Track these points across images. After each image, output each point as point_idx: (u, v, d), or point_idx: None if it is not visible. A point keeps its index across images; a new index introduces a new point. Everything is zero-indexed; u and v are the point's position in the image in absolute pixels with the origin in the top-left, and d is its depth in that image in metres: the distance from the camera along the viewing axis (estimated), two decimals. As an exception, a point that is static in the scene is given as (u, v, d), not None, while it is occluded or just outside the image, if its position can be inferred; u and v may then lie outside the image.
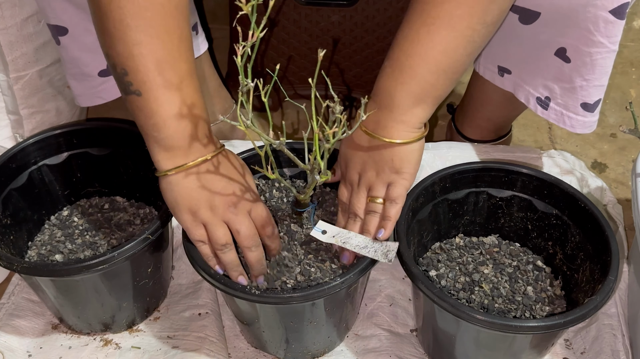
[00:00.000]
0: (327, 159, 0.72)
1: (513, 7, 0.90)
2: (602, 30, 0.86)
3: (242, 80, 0.66)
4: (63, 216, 1.04)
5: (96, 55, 0.99)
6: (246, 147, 1.06)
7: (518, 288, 0.91)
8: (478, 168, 0.95)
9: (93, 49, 0.98)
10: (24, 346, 0.95)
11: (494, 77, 1.04)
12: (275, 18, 1.23)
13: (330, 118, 0.69)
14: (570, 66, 0.92)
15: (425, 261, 0.95)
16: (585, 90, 0.94)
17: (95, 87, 1.03)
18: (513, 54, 0.99)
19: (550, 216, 0.94)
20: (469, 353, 0.85)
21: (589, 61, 0.90)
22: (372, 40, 1.24)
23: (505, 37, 0.96)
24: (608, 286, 0.80)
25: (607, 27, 0.86)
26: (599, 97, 0.95)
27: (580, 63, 0.91)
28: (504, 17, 0.80)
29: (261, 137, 0.70)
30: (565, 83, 0.95)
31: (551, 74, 0.96)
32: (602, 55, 0.89)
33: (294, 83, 1.32)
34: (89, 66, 1.00)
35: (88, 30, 0.96)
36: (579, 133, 1.00)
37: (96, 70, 1.01)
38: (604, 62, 0.90)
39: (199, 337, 0.94)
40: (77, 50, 0.99)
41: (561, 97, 0.97)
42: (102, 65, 1.01)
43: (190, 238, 0.81)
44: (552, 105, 0.98)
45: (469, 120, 1.19)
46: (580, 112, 0.96)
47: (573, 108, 0.97)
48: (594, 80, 0.93)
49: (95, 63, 1.00)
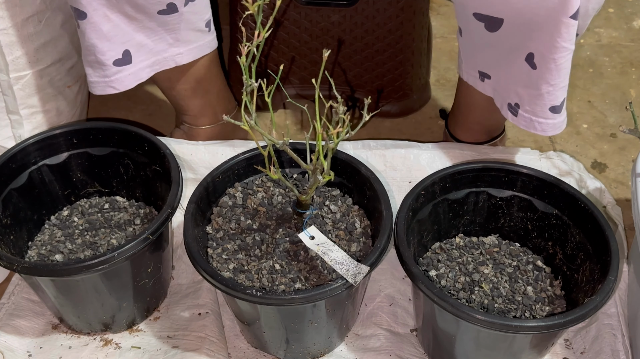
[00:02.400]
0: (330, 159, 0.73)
1: (478, 16, 0.92)
2: (564, 35, 0.87)
3: (246, 80, 0.66)
4: (63, 216, 1.03)
5: (112, 44, 0.99)
6: (248, 147, 1.06)
7: (518, 288, 0.91)
8: (478, 168, 0.95)
9: (110, 37, 0.98)
10: (24, 346, 0.95)
11: (476, 82, 1.06)
12: (277, 18, 1.23)
13: (334, 118, 0.69)
14: (536, 73, 0.94)
15: (425, 261, 0.95)
16: (552, 95, 0.96)
17: (109, 77, 1.03)
18: (489, 60, 1.00)
19: (550, 216, 0.94)
20: (468, 352, 0.86)
21: (554, 67, 0.92)
22: (372, 40, 1.24)
23: (479, 45, 0.98)
24: (608, 286, 0.80)
25: (569, 30, 0.87)
26: (564, 96, 0.97)
27: (545, 70, 0.93)
28: None
29: (264, 136, 0.70)
30: (532, 90, 0.96)
31: (521, 81, 0.97)
32: (565, 58, 0.91)
33: (295, 84, 1.32)
34: (105, 54, 1.00)
35: (107, 17, 0.96)
36: (549, 135, 1.01)
37: (112, 59, 1.01)
38: (566, 64, 0.92)
39: (199, 337, 0.94)
40: (95, 38, 0.98)
41: (529, 104, 0.98)
42: (117, 54, 1.01)
43: None
44: (521, 112, 1.00)
45: (460, 124, 1.20)
46: (549, 115, 0.98)
47: (542, 114, 0.98)
48: (559, 84, 0.94)
49: (112, 52, 1.00)
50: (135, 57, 1.02)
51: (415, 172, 1.10)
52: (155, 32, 1.01)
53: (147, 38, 1.01)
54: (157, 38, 1.02)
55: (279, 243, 0.89)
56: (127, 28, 0.99)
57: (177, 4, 0.98)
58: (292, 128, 1.34)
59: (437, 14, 1.56)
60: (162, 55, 1.05)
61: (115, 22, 0.97)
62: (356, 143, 1.15)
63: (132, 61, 1.02)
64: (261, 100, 1.31)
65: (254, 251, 0.88)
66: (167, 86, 1.14)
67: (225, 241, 0.90)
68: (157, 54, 1.04)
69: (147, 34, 1.01)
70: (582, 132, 1.34)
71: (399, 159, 1.12)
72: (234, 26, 1.31)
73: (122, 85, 1.04)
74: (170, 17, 0.99)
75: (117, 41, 0.99)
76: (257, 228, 0.91)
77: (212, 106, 1.20)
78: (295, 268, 0.86)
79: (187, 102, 1.17)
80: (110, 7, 0.95)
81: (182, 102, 1.17)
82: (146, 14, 0.97)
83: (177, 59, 1.06)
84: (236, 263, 0.87)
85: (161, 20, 0.99)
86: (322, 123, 0.70)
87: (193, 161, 1.12)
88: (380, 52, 1.25)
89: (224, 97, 1.22)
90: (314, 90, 0.73)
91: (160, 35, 1.02)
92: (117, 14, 0.96)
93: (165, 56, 1.05)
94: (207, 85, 1.16)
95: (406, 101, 1.34)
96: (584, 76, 1.45)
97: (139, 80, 1.05)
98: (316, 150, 0.72)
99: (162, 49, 1.04)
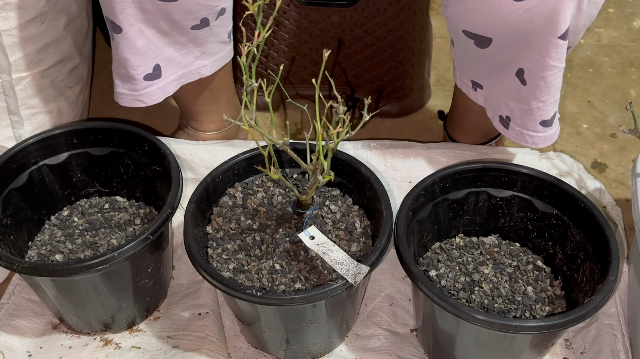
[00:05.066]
0: (330, 159, 0.73)
1: (467, 33, 0.92)
2: (552, 54, 0.88)
3: (246, 80, 0.66)
4: (63, 216, 1.03)
5: (145, 59, 0.99)
6: (248, 147, 1.06)
7: (518, 288, 0.91)
8: (478, 168, 0.95)
9: (143, 52, 0.98)
10: (24, 346, 0.95)
11: (469, 90, 1.06)
12: (276, 18, 1.23)
13: (334, 118, 0.69)
14: (526, 89, 0.94)
15: (425, 261, 0.95)
16: (542, 110, 0.96)
17: (139, 91, 1.03)
18: (481, 72, 1.01)
19: (550, 216, 0.94)
20: (469, 352, 0.86)
21: (543, 84, 0.92)
22: (372, 40, 1.24)
23: (470, 58, 0.98)
24: (608, 286, 0.80)
25: (558, 50, 0.88)
26: (555, 110, 0.97)
27: (535, 87, 0.93)
28: None
29: (264, 136, 0.70)
30: (522, 105, 0.97)
31: (512, 94, 0.97)
32: (555, 76, 0.91)
33: (295, 84, 1.32)
34: (137, 69, 1.00)
35: (142, 32, 0.96)
36: (540, 148, 1.03)
37: (143, 73, 1.01)
38: (556, 81, 0.92)
39: (199, 337, 0.94)
40: (128, 52, 0.98)
41: (519, 118, 0.99)
42: (148, 69, 1.01)
43: None
44: (512, 125, 1.00)
45: (457, 127, 1.21)
46: (540, 129, 0.98)
47: (532, 127, 0.99)
48: (549, 100, 0.95)
49: (143, 67, 1.00)
50: (164, 72, 1.02)
51: (415, 172, 1.10)
52: (184, 46, 1.01)
53: (176, 52, 1.02)
54: (185, 52, 1.02)
55: (279, 243, 0.89)
56: (159, 43, 0.99)
57: (209, 18, 0.98)
58: (292, 128, 1.34)
59: (437, 14, 1.56)
60: (189, 69, 1.05)
61: (149, 37, 0.97)
62: (356, 143, 1.15)
63: (162, 75, 1.02)
64: (261, 100, 1.31)
65: (254, 251, 0.88)
66: (182, 94, 1.14)
67: (225, 241, 0.90)
68: (184, 67, 1.04)
69: (177, 48, 1.01)
70: (582, 132, 1.34)
71: (399, 159, 1.12)
72: (234, 26, 1.31)
73: (150, 100, 1.04)
74: (201, 31, 0.99)
75: (149, 56, 0.99)
76: (257, 228, 0.91)
77: (220, 113, 1.20)
78: (295, 268, 0.86)
79: (198, 109, 1.18)
80: (147, 22, 0.95)
81: (193, 108, 1.18)
82: (180, 29, 0.97)
83: (202, 71, 1.07)
84: (236, 263, 0.87)
85: (192, 34, 0.99)
86: (322, 123, 0.70)
87: (193, 161, 1.12)
88: (380, 52, 1.25)
89: (232, 104, 1.22)
90: (314, 90, 0.73)
91: (188, 49, 1.02)
92: (151, 29, 0.96)
93: (192, 69, 1.05)
94: (218, 93, 1.16)
95: (406, 101, 1.34)
96: (584, 76, 1.45)
97: (166, 94, 1.05)
98: (316, 150, 0.72)
99: (189, 62, 1.04)
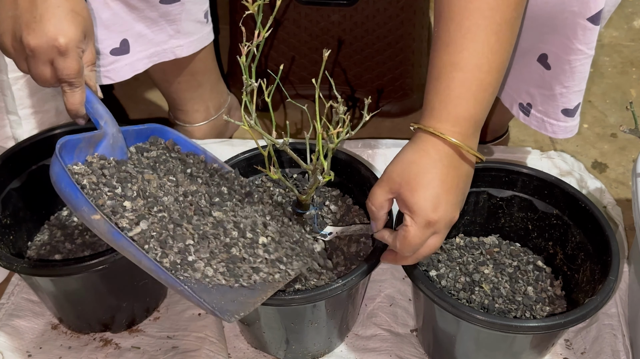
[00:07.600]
0: (330, 159, 0.73)
1: None
2: (580, 37, 0.87)
3: (246, 80, 0.66)
4: (63, 216, 1.03)
5: (110, 33, 0.97)
6: (247, 147, 1.06)
7: (518, 288, 0.91)
8: (478, 168, 0.94)
9: (108, 25, 0.96)
10: (24, 346, 0.95)
11: None
12: (276, 18, 1.22)
13: (334, 118, 0.69)
14: (550, 73, 0.93)
15: (425, 261, 0.95)
16: (565, 97, 0.95)
17: (105, 66, 1.01)
18: None
19: (551, 216, 0.94)
20: (469, 353, 0.86)
21: (568, 68, 0.91)
22: (372, 40, 1.24)
23: None
24: (608, 287, 0.80)
25: (585, 34, 0.86)
26: (579, 101, 0.96)
27: (559, 71, 0.92)
28: None
29: (264, 136, 0.70)
30: (545, 90, 0.96)
31: (533, 81, 0.96)
32: (580, 61, 0.90)
33: (295, 83, 1.32)
34: (102, 43, 0.98)
35: (106, 4, 0.94)
36: (561, 138, 1.00)
37: (108, 47, 0.99)
38: (582, 68, 0.91)
39: (199, 337, 0.94)
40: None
41: (541, 104, 0.98)
42: (115, 43, 0.99)
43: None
44: (533, 112, 0.99)
45: None
46: (562, 118, 0.98)
47: (554, 115, 0.98)
48: (573, 87, 0.94)
49: (109, 40, 0.98)
50: (133, 47, 1.00)
51: (415, 171, 1.10)
52: (156, 22, 0.99)
53: (147, 28, 1.00)
54: (157, 29, 1.00)
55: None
56: (127, 17, 0.97)
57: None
58: (292, 128, 1.34)
59: (437, 14, 1.56)
60: (162, 47, 1.03)
61: (115, 10, 0.95)
62: (356, 143, 1.15)
63: (130, 51, 1.00)
64: (261, 100, 1.30)
65: (253, 251, 0.88)
66: (161, 78, 1.13)
67: (225, 241, 0.89)
68: (157, 45, 1.02)
69: (148, 24, 0.99)
70: (583, 132, 1.34)
71: (399, 159, 1.12)
72: (234, 26, 1.31)
73: (117, 76, 1.02)
74: (172, 6, 0.97)
75: (116, 30, 0.97)
76: (257, 228, 0.90)
77: (205, 100, 1.19)
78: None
79: (180, 95, 1.17)
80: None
81: (175, 95, 1.17)
82: (148, 2, 0.95)
83: (177, 52, 1.04)
84: (236, 263, 0.87)
85: (163, 10, 0.97)
86: (322, 123, 0.70)
87: (193, 161, 1.12)
88: (381, 52, 1.25)
89: (217, 90, 1.21)
90: (314, 90, 0.73)
91: (160, 26, 1.00)
92: (117, 1, 0.94)
93: (165, 48, 1.03)
94: (201, 78, 1.15)
95: (406, 101, 1.34)
96: (584, 76, 1.45)
97: (135, 71, 1.03)
98: (316, 150, 0.72)
99: (162, 40, 1.02)
